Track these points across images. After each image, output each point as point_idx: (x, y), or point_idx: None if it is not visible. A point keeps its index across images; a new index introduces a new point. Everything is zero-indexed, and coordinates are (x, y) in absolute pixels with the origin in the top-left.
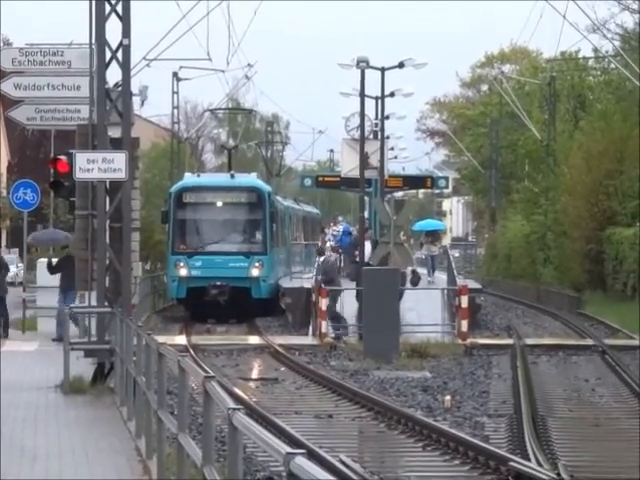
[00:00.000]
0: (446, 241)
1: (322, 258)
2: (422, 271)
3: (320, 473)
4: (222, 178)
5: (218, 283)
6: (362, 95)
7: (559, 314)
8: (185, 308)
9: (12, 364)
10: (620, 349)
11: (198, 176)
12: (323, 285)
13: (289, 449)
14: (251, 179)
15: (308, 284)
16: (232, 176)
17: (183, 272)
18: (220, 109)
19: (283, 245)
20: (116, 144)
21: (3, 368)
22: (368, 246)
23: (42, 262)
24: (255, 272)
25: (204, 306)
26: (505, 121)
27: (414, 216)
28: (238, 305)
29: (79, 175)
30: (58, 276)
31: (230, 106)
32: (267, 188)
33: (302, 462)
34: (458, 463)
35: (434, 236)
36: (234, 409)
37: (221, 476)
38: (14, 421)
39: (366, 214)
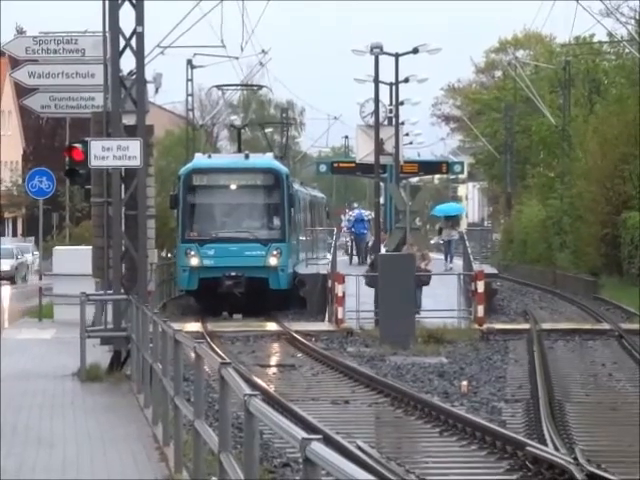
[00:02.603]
0: (462, 226)
1: None
2: (440, 257)
3: (336, 458)
4: (235, 159)
5: (233, 273)
6: (376, 81)
7: (575, 299)
8: (196, 300)
9: (29, 352)
10: (637, 333)
11: (209, 157)
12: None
13: (305, 435)
14: (267, 160)
15: (324, 270)
16: (246, 156)
17: (194, 261)
18: (229, 85)
19: (299, 231)
20: (131, 131)
21: (20, 356)
22: (382, 250)
23: (58, 250)
24: (273, 261)
25: (217, 298)
26: (520, 106)
27: (429, 202)
28: (254, 297)
29: (94, 163)
30: (75, 263)
31: (244, 93)
32: (285, 170)
33: (318, 447)
34: (475, 448)
35: (454, 220)
36: (250, 395)
37: (238, 462)
38: (31, 409)
39: (381, 200)
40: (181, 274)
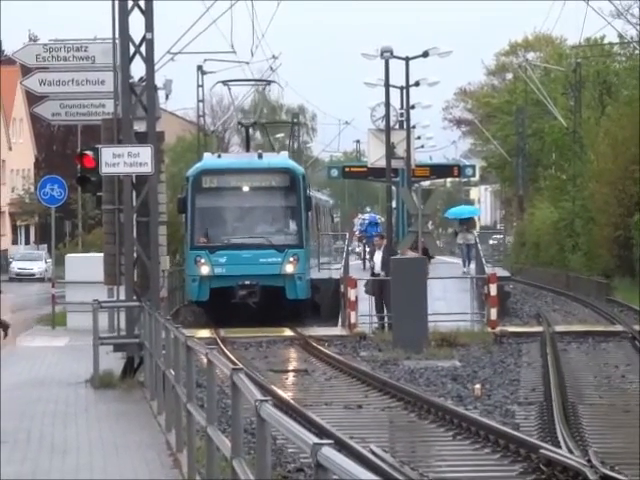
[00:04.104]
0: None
1: None
2: (457, 261)
3: (347, 463)
4: (248, 158)
5: (246, 282)
6: (387, 85)
7: (588, 301)
8: (206, 312)
9: (42, 359)
10: None
11: (219, 157)
12: None
13: (316, 439)
14: (282, 159)
15: (337, 275)
16: (260, 156)
17: (205, 270)
18: (235, 80)
19: (313, 236)
20: (141, 138)
21: (34, 363)
22: (379, 256)
23: (70, 257)
24: (290, 268)
25: (230, 309)
26: (531, 109)
27: (442, 205)
28: (270, 308)
29: (105, 170)
30: (88, 270)
31: (256, 98)
32: (301, 170)
33: (329, 452)
34: (489, 451)
35: (469, 223)
36: (261, 401)
37: (250, 468)
38: (44, 416)
39: (394, 204)
40: (190, 284)
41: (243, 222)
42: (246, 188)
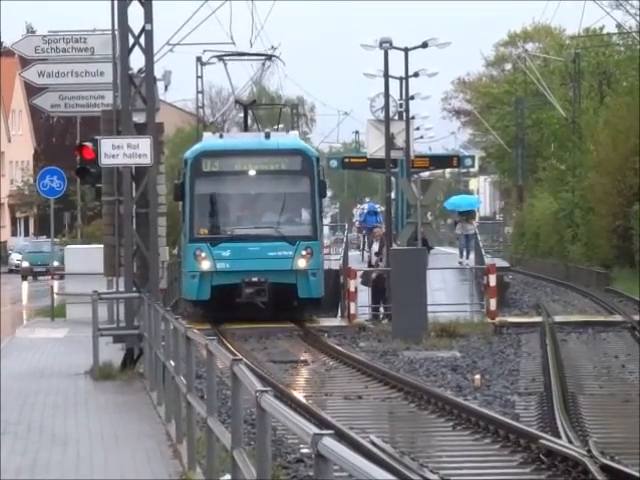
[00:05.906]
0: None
1: None
2: (457, 252)
3: (348, 453)
4: (254, 139)
5: (254, 279)
6: (386, 76)
7: (588, 291)
8: (207, 312)
9: (42, 351)
10: None
11: (220, 137)
12: None
13: (317, 430)
14: (293, 139)
15: (336, 266)
16: (267, 135)
17: (205, 265)
18: (231, 54)
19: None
20: (141, 129)
21: (33, 355)
22: (375, 247)
23: (69, 249)
24: (302, 263)
25: (235, 310)
26: (530, 99)
27: (441, 196)
28: (280, 308)
29: (104, 161)
30: (87, 262)
31: (254, 90)
32: (314, 152)
33: (330, 443)
34: (488, 442)
35: (469, 215)
36: (262, 391)
37: (251, 459)
38: (45, 407)
39: (393, 195)
40: (189, 281)
41: (249, 211)
42: (252, 172)
